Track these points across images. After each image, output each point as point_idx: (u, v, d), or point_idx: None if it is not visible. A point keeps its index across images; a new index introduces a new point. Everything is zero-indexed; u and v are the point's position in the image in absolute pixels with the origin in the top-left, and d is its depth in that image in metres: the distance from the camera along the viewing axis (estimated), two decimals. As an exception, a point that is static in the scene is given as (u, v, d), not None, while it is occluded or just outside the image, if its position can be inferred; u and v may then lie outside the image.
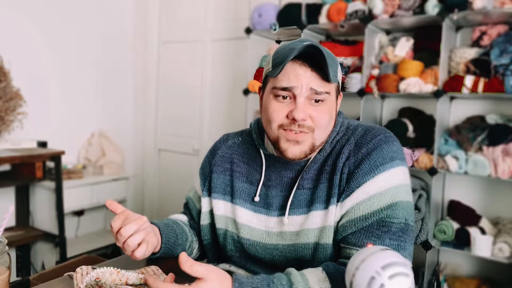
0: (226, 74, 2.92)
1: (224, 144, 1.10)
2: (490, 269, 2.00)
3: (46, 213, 2.56)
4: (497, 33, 1.89)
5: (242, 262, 1.02)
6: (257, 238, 0.97)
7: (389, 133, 0.93)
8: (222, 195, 1.04)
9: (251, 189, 1.00)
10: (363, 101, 2.04)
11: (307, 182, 0.93)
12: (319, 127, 0.88)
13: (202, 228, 1.07)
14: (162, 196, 3.35)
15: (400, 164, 0.89)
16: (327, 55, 0.85)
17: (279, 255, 0.95)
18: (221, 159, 1.07)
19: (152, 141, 3.38)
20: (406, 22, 2.00)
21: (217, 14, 2.95)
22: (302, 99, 0.87)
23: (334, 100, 0.92)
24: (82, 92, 2.99)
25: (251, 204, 0.99)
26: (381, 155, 0.88)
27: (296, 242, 0.92)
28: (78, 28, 2.92)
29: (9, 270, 0.76)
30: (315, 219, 0.90)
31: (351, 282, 0.63)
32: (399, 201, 0.86)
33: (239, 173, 1.03)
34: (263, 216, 0.98)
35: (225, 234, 1.03)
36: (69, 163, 2.79)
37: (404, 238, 0.84)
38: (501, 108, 1.99)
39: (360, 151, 0.89)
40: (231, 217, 1.02)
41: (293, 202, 0.94)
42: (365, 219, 0.85)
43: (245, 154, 1.05)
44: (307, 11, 2.18)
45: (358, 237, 0.85)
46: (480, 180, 2.03)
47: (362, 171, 0.87)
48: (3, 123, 2.33)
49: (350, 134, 0.94)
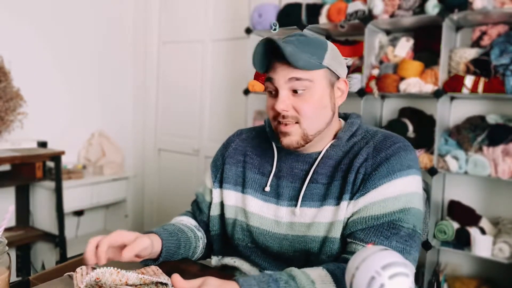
0: (226, 74, 2.92)
1: (238, 138, 1.13)
2: (490, 269, 2.00)
3: (46, 213, 2.56)
4: (497, 33, 1.89)
5: (248, 252, 1.03)
6: (266, 227, 0.99)
7: (408, 142, 0.95)
8: (234, 186, 1.06)
9: (262, 179, 1.03)
10: (363, 101, 2.05)
11: (322, 177, 0.95)
12: (304, 117, 0.91)
13: (212, 219, 1.09)
14: (162, 196, 3.35)
15: (416, 173, 0.92)
16: (300, 42, 0.90)
17: (288, 245, 0.96)
18: (235, 151, 1.09)
19: (152, 141, 3.38)
20: (406, 22, 2.00)
21: (217, 14, 2.95)
22: (282, 91, 0.91)
23: (323, 88, 0.92)
24: (82, 92, 2.99)
25: (261, 194, 1.01)
26: (400, 162, 0.90)
27: (306, 234, 0.93)
28: (78, 28, 2.92)
29: (9, 270, 0.76)
30: (326, 213, 0.92)
31: (351, 282, 0.63)
32: (412, 207, 0.87)
33: (252, 165, 1.05)
34: (273, 206, 0.99)
35: (234, 223, 1.04)
36: (69, 163, 2.79)
37: (410, 243, 0.85)
38: (501, 108, 1.99)
39: (379, 154, 0.91)
40: (241, 206, 1.04)
41: (306, 194, 0.95)
42: (376, 218, 0.87)
43: (258, 147, 1.08)
44: (307, 11, 2.18)
45: (367, 234, 0.86)
46: (480, 180, 2.03)
47: (380, 174, 0.89)
48: (3, 123, 2.33)
49: (369, 138, 0.96)
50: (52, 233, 2.50)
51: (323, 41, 0.94)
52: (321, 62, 0.90)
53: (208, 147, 3.01)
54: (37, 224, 2.61)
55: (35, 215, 2.63)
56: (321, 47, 0.92)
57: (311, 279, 0.77)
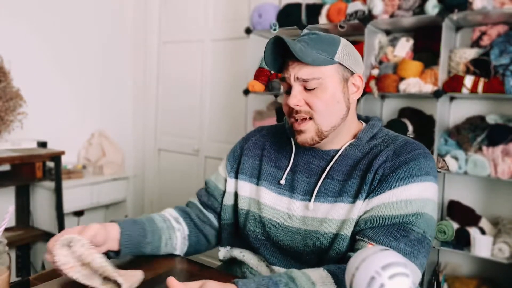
0: (226, 74, 2.92)
1: (259, 133, 1.15)
2: (490, 269, 2.00)
3: (46, 213, 2.56)
4: (497, 33, 1.89)
5: (258, 243, 1.03)
6: (279, 220, 1.00)
7: (428, 150, 0.96)
8: (249, 178, 1.08)
9: (278, 173, 1.04)
10: (363, 101, 2.05)
11: (338, 174, 0.96)
12: (317, 112, 0.93)
13: (224, 208, 1.10)
14: (162, 196, 3.35)
15: (433, 180, 0.92)
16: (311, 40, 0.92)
17: (300, 240, 0.96)
18: (254, 145, 1.12)
19: (152, 141, 3.38)
20: (406, 22, 2.00)
21: (217, 14, 2.95)
22: (295, 87, 0.93)
23: (336, 83, 0.94)
24: (82, 92, 2.99)
25: (276, 187, 1.03)
26: (418, 167, 0.90)
27: (319, 230, 0.94)
28: (78, 28, 2.92)
29: (9, 270, 0.76)
30: (340, 210, 0.93)
31: (351, 282, 0.63)
32: (425, 213, 0.87)
33: (268, 158, 1.07)
34: (286, 199, 1.00)
35: (247, 214, 1.05)
36: (69, 163, 2.79)
37: (418, 248, 0.85)
38: (501, 108, 1.99)
39: (398, 158, 0.92)
40: (255, 198, 1.05)
41: (321, 189, 0.96)
42: (388, 218, 0.87)
43: (277, 143, 1.09)
44: (307, 11, 2.18)
45: (376, 233, 0.86)
46: (480, 180, 2.03)
47: (397, 176, 0.90)
48: (3, 123, 2.33)
49: (390, 141, 0.97)
50: (52, 233, 2.49)
51: (335, 38, 0.96)
52: (333, 58, 0.92)
53: (208, 147, 3.01)
54: (37, 224, 2.61)
55: (35, 215, 2.63)
56: (333, 44, 0.94)
57: (312, 281, 0.76)
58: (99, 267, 0.81)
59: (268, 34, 2.34)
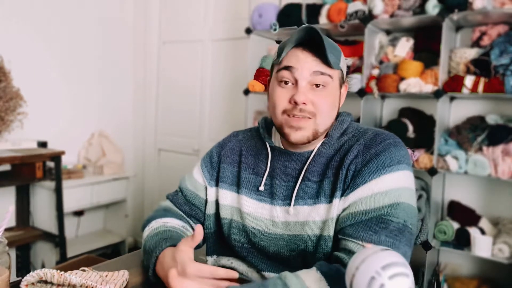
0: (226, 74, 2.92)
1: (235, 138, 1.13)
2: (490, 269, 2.00)
3: (46, 213, 2.56)
4: (497, 33, 1.89)
5: (244, 252, 1.02)
6: (262, 227, 0.99)
7: (398, 139, 0.95)
8: (229, 186, 1.06)
9: (256, 179, 1.03)
10: (363, 101, 2.04)
11: (313, 175, 0.95)
12: (320, 112, 0.92)
13: (207, 217, 1.08)
14: (162, 196, 3.34)
15: (406, 168, 0.91)
16: (327, 41, 0.90)
17: (284, 245, 0.96)
18: (231, 151, 1.09)
19: (152, 141, 3.38)
20: (406, 22, 2.00)
21: (217, 14, 2.95)
22: (303, 83, 0.91)
23: (336, 88, 0.95)
24: (82, 92, 2.99)
25: (256, 194, 1.01)
26: (389, 157, 0.90)
27: (302, 233, 0.93)
28: (78, 28, 2.92)
29: (9, 270, 0.76)
30: (320, 211, 0.92)
31: (351, 282, 0.63)
32: (401, 202, 0.87)
33: (246, 165, 1.06)
34: (267, 205, 0.99)
35: (230, 224, 1.04)
36: (69, 163, 2.79)
37: (399, 238, 0.84)
38: (501, 108, 1.99)
39: (369, 151, 0.91)
40: (237, 206, 1.03)
41: (299, 193, 0.95)
42: (365, 213, 0.86)
43: (253, 147, 1.08)
44: (307, 11, 2.18)
45: (355, 229, 0.85)
46: (480, 180, 2.03)
47: (369, 170, 0.89)
48: (3, 123, 2.33)
49: (359, 135, 0.97)
50: (52, 233, 2.50)
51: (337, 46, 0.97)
52: (339, 64, 0.93)
53: (208, 147, 2.99)
54: (37, 224, 2.62)
55: (35, 215, 2.63)
56: (338, 50, 0.95)
57: (306, 286, 0.75)
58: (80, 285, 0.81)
59: (268, 34, 2.34)
